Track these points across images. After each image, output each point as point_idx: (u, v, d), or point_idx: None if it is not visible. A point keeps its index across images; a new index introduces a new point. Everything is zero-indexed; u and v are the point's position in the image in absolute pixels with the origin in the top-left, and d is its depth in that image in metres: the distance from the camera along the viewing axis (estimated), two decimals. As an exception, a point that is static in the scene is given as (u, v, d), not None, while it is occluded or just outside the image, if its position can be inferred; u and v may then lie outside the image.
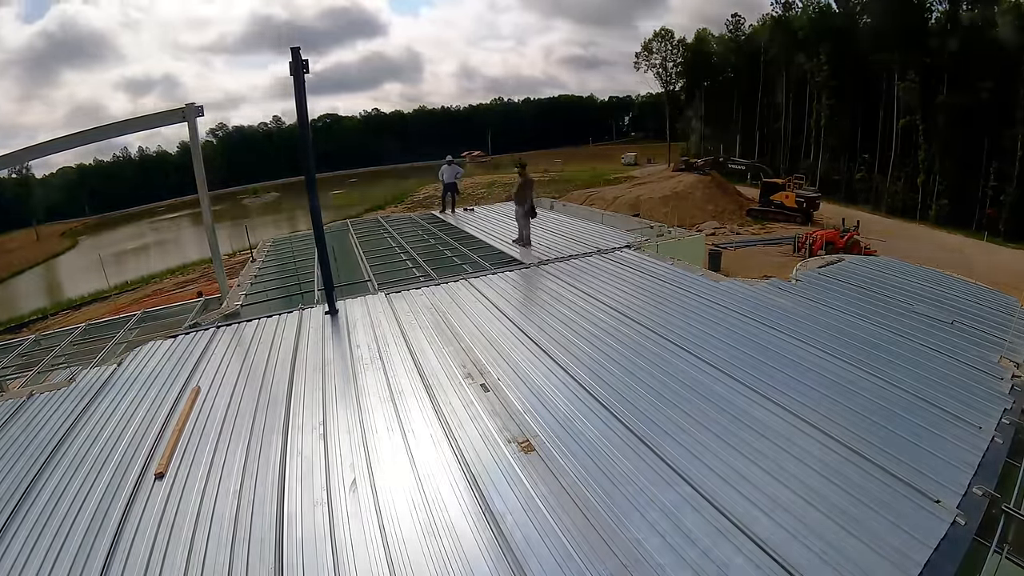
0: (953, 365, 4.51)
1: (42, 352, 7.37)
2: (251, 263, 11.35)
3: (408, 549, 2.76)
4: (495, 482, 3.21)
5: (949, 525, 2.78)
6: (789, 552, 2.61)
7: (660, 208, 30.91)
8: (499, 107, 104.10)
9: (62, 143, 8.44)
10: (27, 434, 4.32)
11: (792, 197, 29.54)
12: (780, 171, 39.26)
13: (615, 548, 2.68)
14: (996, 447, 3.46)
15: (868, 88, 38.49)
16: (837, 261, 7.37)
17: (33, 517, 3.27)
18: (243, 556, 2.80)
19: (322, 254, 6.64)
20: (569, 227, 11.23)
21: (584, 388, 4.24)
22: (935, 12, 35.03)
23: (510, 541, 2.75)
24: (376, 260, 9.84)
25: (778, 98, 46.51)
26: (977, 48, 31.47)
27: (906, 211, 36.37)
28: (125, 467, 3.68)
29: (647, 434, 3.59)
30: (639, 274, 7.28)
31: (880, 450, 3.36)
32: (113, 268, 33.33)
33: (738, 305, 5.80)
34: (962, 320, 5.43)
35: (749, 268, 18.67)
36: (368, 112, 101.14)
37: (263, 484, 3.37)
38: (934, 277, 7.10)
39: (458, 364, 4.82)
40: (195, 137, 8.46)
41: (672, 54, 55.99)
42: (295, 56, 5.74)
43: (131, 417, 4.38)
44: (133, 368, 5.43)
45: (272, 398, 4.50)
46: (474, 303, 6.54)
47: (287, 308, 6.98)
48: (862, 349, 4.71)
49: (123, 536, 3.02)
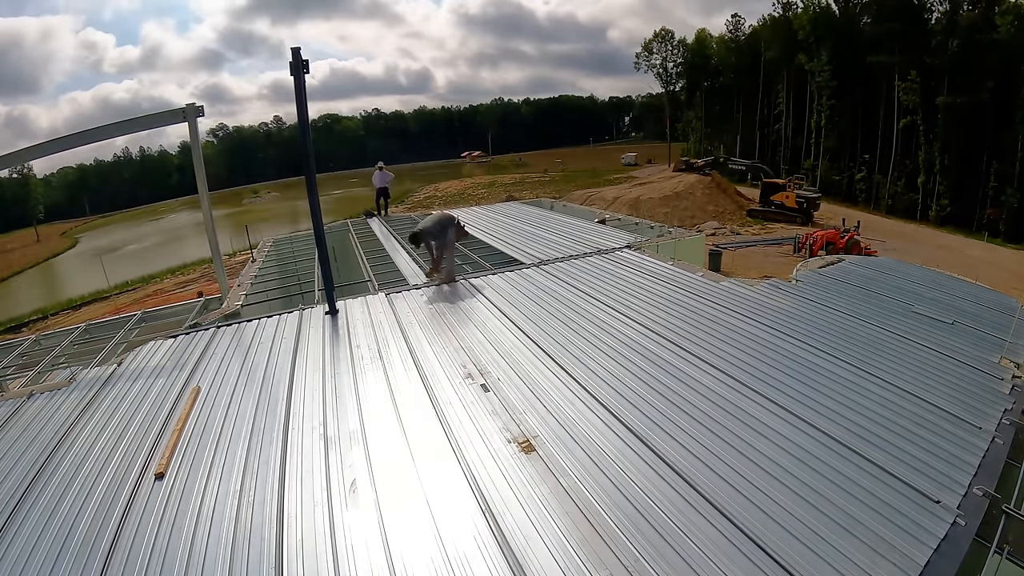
0: (953, 365, 4.51)
1: (42, 352, 7.35)
2: (251, 263, 11.34)
3: (408, 549, 2.76)
4: (495, 482, 3.20)
5: (949, 525, 2.78)
6: (789, 552, 2.61)
7: (660, 208, 30.92)
8: (499, 107, 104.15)
9: (62, 143, 8.44)
10: (27, 434, 4.32)
11: (792, 197, 29.53)
12: (780, 171, 39.29)
13: (615, 548, 2.67)
14: (996, 447, 3.46)
15: (868, 88, 38.47)
16: (837, 261, 7.37)
17: (33, 517, 3.27)
18: (243, 556, 2.80)
19: (322, 254, 6.63)
20: (569, 227, 11.23)
21: (584, 388, 4.24)
22: (935, 12, 35.02)
23: (510, 541, 2.75)
24: (376, 260, 9.83)
25: (778, 98, 46.51)
26: (977, 48, 31.46)
27: (906, 211, 36.38)
28: (125, 467, 3.68)
29: (647, 434, 3.58)
30: (639, 274, 7.27)
31: (880, 450, 3.36)
32: (113, 268, 33.33)
33: (738, 305, 5.80)
34: (962, 320, 5.43)
35: (749, 268, 18.67)
36: (368, 112, 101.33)
37: (263, 484, 3.37)
38: (934, 277, 7.10)
39: (458, 364, 4.81)
40: (195, 137, 8.47)
41: (672, 54, 56.07)
42: (295, 56, 5.75)
43: (131, 417, 4.38)
44: (133, 368, 5.43)
45: (272, 398, 4.50)
46: (474, 303, 6.54)
47: (287, 308, 6.98)
48: (862, 349, 4.71)
49: (123, 536, 3.01)
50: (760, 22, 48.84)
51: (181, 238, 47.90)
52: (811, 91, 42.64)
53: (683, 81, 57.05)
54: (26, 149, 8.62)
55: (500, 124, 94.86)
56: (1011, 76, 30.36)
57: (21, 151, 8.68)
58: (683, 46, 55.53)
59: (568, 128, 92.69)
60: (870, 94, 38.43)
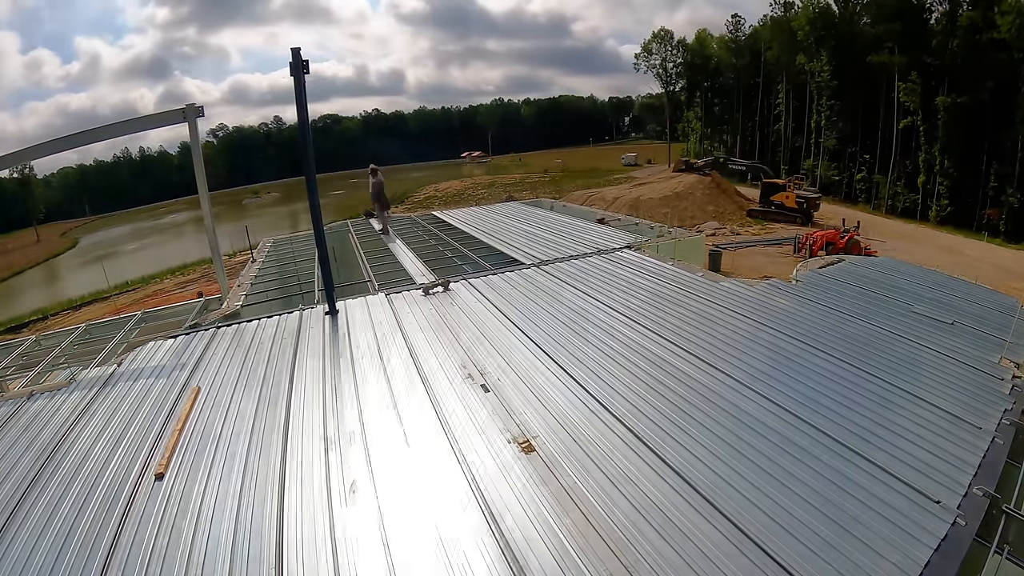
0: (953, 365, 4.51)
1: (42, 352, 7.35)
2: (251, 263, 11.35)
3: (408, 549, 2.76)
4: (495, 482, 3.21)
5: (949, 525, 2.78)
6: (789, 551, 2.61)
7: (660, 208, 30.88)
8: (499, 107, 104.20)
9: (62, 143, 8.44)
10: (27, 434, 4.32)
11: (792, 197, 29.51)
12: (780, 171, 39.28)
13: (615, 548, 2.67)
14: (996, 447, 3.47)
15: (868, 88, 38.47)
16: (837, 262, 7.37)
17: (33, 517, 3.27)
18: (243, 556, 2.80)
19: (322, 254, 6.63)
20: (569, 227, 11.23)
21: (584, 388, 4.24)
22: (935, 12, 35.02)
23: (510, 541, 2.75)
24: (376, 260, 9.84)
25: (778, 98, 46.51)
26: (977, 48, 31.47)
27: (906, 212, 36.36)
28: (125, 467, 3.68)
29: (647, 434, 3.58)
30: (639, 274, 7.27)
31: (880, 450, 3.36)
32: (113, 268, 33.32)
33: (738, 306, 5.80)
34: (962, 321, 5.43)
35: (749, 269, 18.65)
36: (368, 112, 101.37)
37: (263, 484, 3.37)
38: (934, 278, 7.10)
39: (458, 364, 4.81)
40: (195, 137, 8.47)
41: (672, 55, 56.06)
42: (295, 56, 5.74)
43: (131, 417, 4.38)
44: (133, 368, 5.43)
45: (272, 398, 4.49)
46: (474, 303, 6.54)
47: (287, 308, 6.98)
48: (862, 350, 4.71)
49: (123, 536, 3.01)
50: (760, 22, 48.92)
51: (181, 238, 47.92)
52: (811, 91, 42.63)
53: (683, 81, 57.05)
54: (26, 149, 8.62)
55: (500, 124, 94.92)
56: (1011, 76, 30.36)
57: (21, 151, 8.68)
58: (683, 46, 55.55)
59: (568, 128, 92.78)
60: (870, 94, 38.40)
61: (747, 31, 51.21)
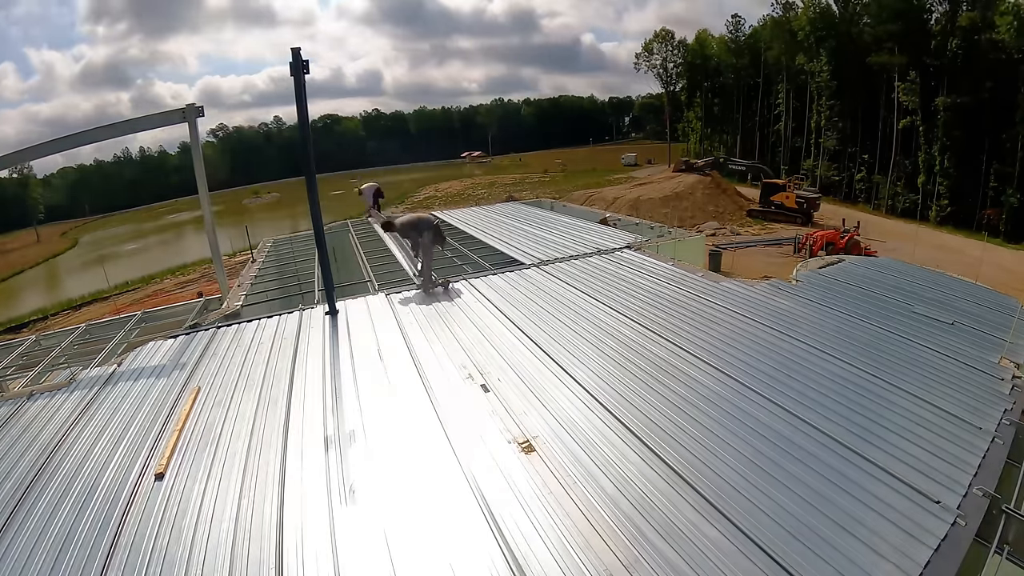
0: (953, 365, 4.51)
1: (42, 352, 7.35)
2: (251, 263, 11.35)
3: (408, 549, 2.76)
4: (495, 482, 3.20)
5: (949, 525, 2.78)
6: (789, 551, 2.61)
7: (660, 208, 30.88)
8: (499, 107, 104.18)
9: (62, 143, 8.46)
10: (27, 434, 4.32)
11: (792, 198, 29.51)
12: (780, 172, 39.28)
13: (615, 548, 2.67)
14: (996, 447, 3.46)
15: (868, 88, 38.47)
16: (837, 262, 7.37)
17: (33, 517, 3.27)
18: (243, 556, 2.80)
19: (322, 254, 6.63)
20: (569, 227, 11.23)
21: (584, 388, 4.24)
22: (935, 13, 35.02)
23: (510, 541, 2.75)
24: (376, 260, 9.83)
25: (778, 98, 46.51)
26: (977, 48, 31.48)
27: (906, 212, 36.35)
28: (125, 467, 3.68)
29: (647, 434, 3.58)
30: (639, 274, 7.27)
31: (880, 450, 3.36)
32: (113, 268, 33.32)
33: (738, 306, 5.80)
34: (962, 321, 5.43)
35: (749, 269, 18.64)
36: (368, 112, 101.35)
37: (263, 484, 3.37)
38: (934, 278, 7.10)
39: (458, 364, 4.81)
40: (195, 137, 8.48)
41: (672, 55, 56.07)
42: (295, 56, 5.75)
43: (131, 417, 4.38)
44: (133, 368, 5.43)
45: (272, 398, 4.49)
46: (474, 303, 6.54)
47: (287, 308, 6.98)
48: (862, 350, 4.71)
49: (123, 536, 3.02)
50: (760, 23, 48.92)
51: (181, 238, 47.91)
52: (811, 91, 42.62)
53: (683, 81, 57.02)
54: (26, 149, 8.64)
55: (500, 124, 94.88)
56: (1011, 76, 30.35)
57: (21, 151, 8.70)
58: (683, 46, 55.54)
59: (568, 128, 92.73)
60: (870, 94, 38.41)
61: (747, 31, 51.23)
